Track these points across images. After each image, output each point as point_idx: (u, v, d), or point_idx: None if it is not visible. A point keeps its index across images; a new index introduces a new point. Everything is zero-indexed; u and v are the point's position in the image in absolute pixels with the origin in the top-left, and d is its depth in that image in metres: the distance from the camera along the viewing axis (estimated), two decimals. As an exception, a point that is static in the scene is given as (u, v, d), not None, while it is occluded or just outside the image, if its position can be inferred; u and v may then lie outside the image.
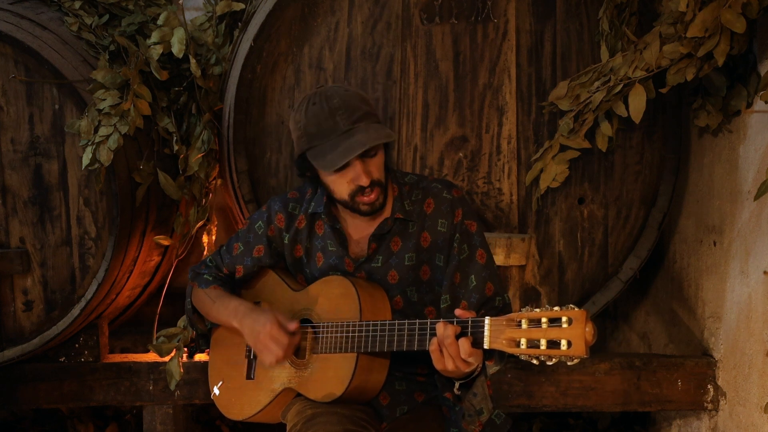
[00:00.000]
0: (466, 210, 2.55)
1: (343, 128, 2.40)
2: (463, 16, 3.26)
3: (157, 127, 3.36)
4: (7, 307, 3.26)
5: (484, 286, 2.51)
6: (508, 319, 2.21)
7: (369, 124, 2.42)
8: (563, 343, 2.13)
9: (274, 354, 2.47)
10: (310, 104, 2.44)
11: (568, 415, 4.03)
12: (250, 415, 2.61)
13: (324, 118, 2.40)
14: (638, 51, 3.02)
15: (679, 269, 3.61)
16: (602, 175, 3.33)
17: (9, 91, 3.18)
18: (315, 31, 3.26)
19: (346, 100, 2.42)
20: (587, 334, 2.12)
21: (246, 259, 2.66)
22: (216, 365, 2.72)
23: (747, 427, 3.10)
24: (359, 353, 2.43)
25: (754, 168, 3.03)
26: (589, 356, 2.14)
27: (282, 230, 2.62)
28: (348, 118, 2.40)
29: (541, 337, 2.15)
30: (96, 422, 4.01)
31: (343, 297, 2.48)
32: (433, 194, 2.55)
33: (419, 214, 2.54)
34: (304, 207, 2.61)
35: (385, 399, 2.55)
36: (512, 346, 2.19)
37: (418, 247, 2.53)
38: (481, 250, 2.54)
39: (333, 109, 2.40)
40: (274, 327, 2.47)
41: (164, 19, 3.38)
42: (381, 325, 2.40)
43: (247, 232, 2.67)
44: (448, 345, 2.27)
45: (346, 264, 2.56)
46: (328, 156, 2.40)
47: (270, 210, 2.65)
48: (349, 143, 2.38)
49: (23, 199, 3.22)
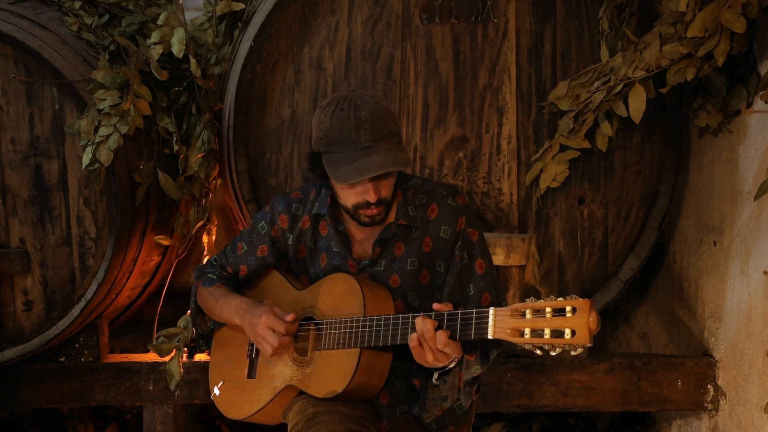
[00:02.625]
0: (470, 218, 2.56)
1: (364, 143, 2.37)
2: (463, 16, 3.26)
3: (157, 127, 3.36)
4: (7, 307, 3.26)
5: (480, 297, 2.53)
6: (512, 309, 2.23)
7: (390, 145, 2.40)
8: (567, 332, 2.14)
9: (270, 343, 2.49)
10: (337, 109, 2.41)
11: (568, 415, 4.03)
12: (250, 413, 2.61)
13: (348, 127, 2.38)
14: (638, 51, 3.02)
15: (679, 269, 3.61)
16: (602, 175, 3.33)
17: (9, 91, 3.18)
18: (315, 31, 3.26)
19: (373, 115, 2.39)
20: (591, 323, 2.13)
21: (250, 259, 2.67)
22: (217, 366, 2.72)
23: (747, 427, 3.10)
24: (362, 348, 2.43)
25: (754, 168, 3.03)
26: (592, 344, 2.15)
27: (285, 231, 2.62)
28: (371, 134, 2.38)
29: (545, 327, 2.17)
30: (96, 422, 4.01)
31: (347, 294, 2.49)
32: (437, 200, 2.56)
33: (422, 220, 2.54)
34: (308, 207, 2.61)
35: (385, 398, 2.56)
36: (516, 336, 2.21)
37: (420, 252, 2.54)
38: (480, 260, 2.55)
39: (359, 121, 2.37)
40: (270, 316, 2.49)
41: (164, 19, 3.38)
42: (385, 319, 2.42)
43: (251, 232, 2.68)
44: (428, 338, 2.32)
45: (350, 266, 2.56)
46: (343, 168, 2.39)
47: (273, 210, 2.65)
48: (366, 161, 2.37)
49: (23, 199, 3.22)
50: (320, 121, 2.44)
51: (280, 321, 2.49)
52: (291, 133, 3.30)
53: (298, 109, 3.29)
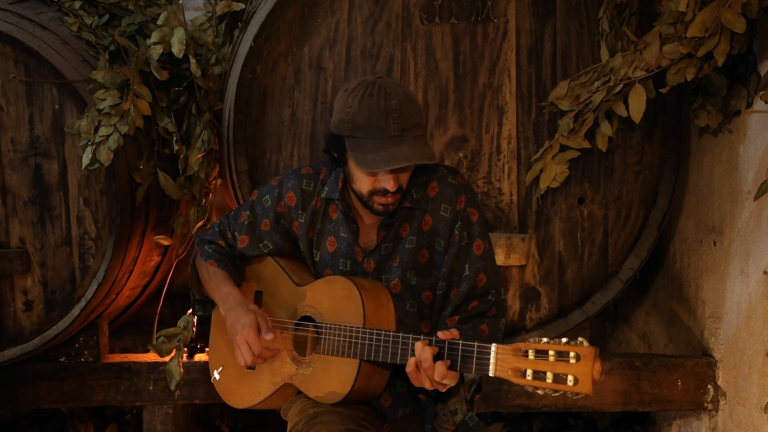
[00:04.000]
0: (470, 197, 2.55)
1: (393, 132, 2.36)
2: (463, 16, 3.26)
3: (157, 127, 3.36)
4: (7, 307, 3.26)
5: (475, 277, 2.50)
6: (514, 348, 2.18)
7: (417, 137, 2.40)
8: (570, 378, 2.10)
9: (244, 358, 2.49)
10: (366, 94, 2.38)
11: (568, 415, 4.03)
12: (250, 405, 2.62)
13: (378, 115, 2.36)
14: (638, 51, 3.02)
15: (679, 269, 3.61)
16: (602, 175, 3.33)
17: (9, 91, 3.18)
18: (315, 31, 3.26)
19: (403, 104, 2.38)
20: (595, 372, 2.09)
21: (253, 231, 2.65)
22: (217, 349, 2.71)
23: (747, 427, 3.10)
24: (362, 360, 2.42)
25: (754, 168, 3.03)
26: (593, 394, 2.13)
27: (293, 208, 2.60)
28: (400, 124, 2.36)
29: (547, 370, 2.12)
30: (96, 422, 4.01)
31: (346, 300, 2.47)
32: (437, 178, 2.54)
33: (423, 198, 2.53)
34: (319, 188, 2.59)
35: (386, 400, 2.55)
36: (518, 377, 2.16)
37: (419, 231, 2.53)
38: (479, 240, 2.53)
39: (389, 110, 2.36)
40: (251, 332, 2.47)
41: (164, 19, 3.38)
42: (385, 335, 2.38)
43: (255, 203, 2.65)
44: (426, 368, 2.28)
45: (356, 253, 2.55)
46: (369, 155, 2.37)
47: (282, 186, 2.62)
48: (394, 151, 2.35)
49: (23, 199, 3.22)
50: (346, 104, 2.41)
51: (257, 343, 2.47)
52: (291, 133, 3.30)
53: (298, 109, 3.29)
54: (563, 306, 3.37)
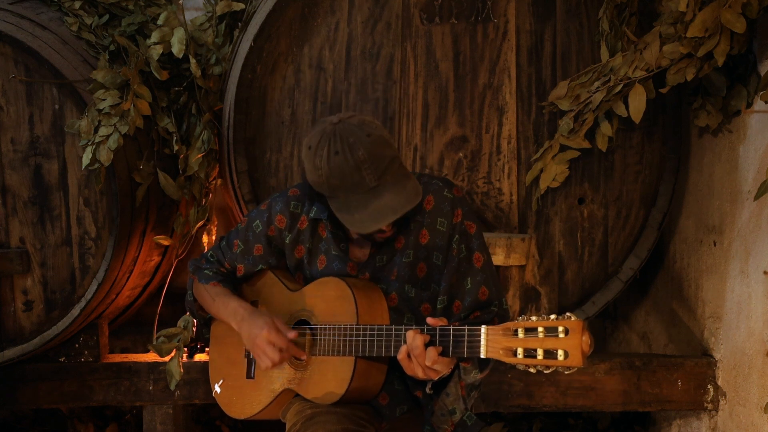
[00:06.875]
0: (466, 210, 2.53)
1: (370, 184, 2.30)
2: (463, 16, 3.26)
3: (157, 127, 3.36)
4: (7, 307, 3.26)
5: (477, 291, 2.50)
6: (504, 328, 2.20)
7: (396, 179, 2.33)
8: (560, 353, 2.11)
9: (271, 358, 2.46)
10: (332, 153, 2.29)
11: (568, 415, 4.03)
12: (251, 414, 2.62)
13: (349, 171, 2.29)
14: (638, 51, 3.02)
15: (679, 269, 3.61)
16: (602, 175, 3.33)
17: (9, 91, 3.18)
18: (315, 31, 3.26)
19: (371, 151, 2.29)
20: (584, 345, 2.10)
21: (247, 258, 2.65)
22: (216, 363, 2.72)
23: (747, 427, 3.10)
24: (357, 357, 2.43)
25: (754, 168, 3.03)
26: (585, 366, 2.13)
27: (282, 230, 2.59)
28: (374, 172, 2.29)
29: (537, 347, 2.13)
30: (96, 422, 4.01)
31: (339, 300, 2.47)
32: (433, 191, 2.52)
33: (418, 211, 2.53)
34: (306, 208, 2.58)
35: (384, 399, 2.55)
36: (509, 356, 2.18)
37: (416, 245, 2.52)
38: (478, 253, 2.52)
39: (359, 162, 2.28)
40: (273, 331, 2.46)
41: (164, 19, 3.38)
42: (378, 329, 2.39)
43: (246, 230, 2.64)
44: (417, 354, 2.29)
45: (349, 267, 2.54)
46: (357, 215, 2.32)
47: (271, 210, 2.61)
48: (378, 205, 2.31)
49: (23, 199, 3.22)
50: (316, 166, 2.33)
51: (283, 337, 2.46)
52: (291, 133, 3.30)
53: (298, 109, 3.29)
54: (563, 306, 3.37)
